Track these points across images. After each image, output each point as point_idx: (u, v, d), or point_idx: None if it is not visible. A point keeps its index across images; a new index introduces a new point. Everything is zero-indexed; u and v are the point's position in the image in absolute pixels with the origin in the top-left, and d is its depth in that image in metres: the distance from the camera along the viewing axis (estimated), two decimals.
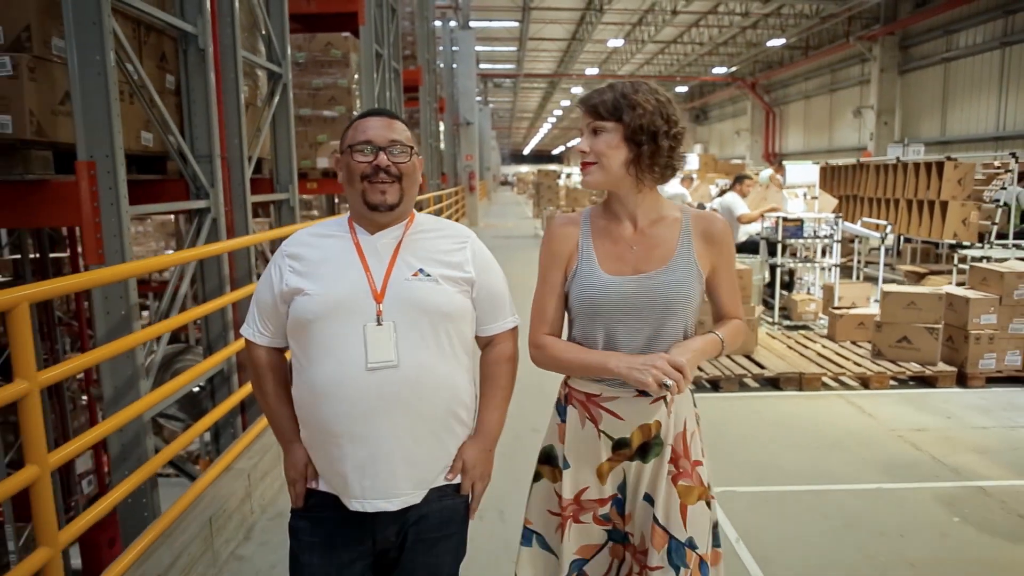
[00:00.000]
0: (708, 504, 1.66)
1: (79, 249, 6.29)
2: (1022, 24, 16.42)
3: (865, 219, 8.67)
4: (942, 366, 5.23)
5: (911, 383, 5.26)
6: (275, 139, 5.06)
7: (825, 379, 5.24)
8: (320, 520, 1.58)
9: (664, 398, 1.62)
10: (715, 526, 1.71)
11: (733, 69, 30.08)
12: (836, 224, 7.08)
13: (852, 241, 8.84)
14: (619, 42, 26.86)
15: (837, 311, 6.14)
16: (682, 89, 38.02)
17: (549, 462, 1.77)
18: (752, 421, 4.54)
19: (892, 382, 5.22)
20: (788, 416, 4.62)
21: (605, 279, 1.62)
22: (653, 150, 1.57)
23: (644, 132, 1.55)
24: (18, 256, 6.16)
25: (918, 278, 8.39)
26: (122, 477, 2.80)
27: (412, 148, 1.57)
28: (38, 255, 6.02)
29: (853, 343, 5.94)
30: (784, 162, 9.10)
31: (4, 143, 2.60)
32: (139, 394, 2.90)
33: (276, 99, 4.94)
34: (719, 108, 38.37)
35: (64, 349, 6.49)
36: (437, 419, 1.56)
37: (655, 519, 1.62)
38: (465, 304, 1.61)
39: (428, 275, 1.55)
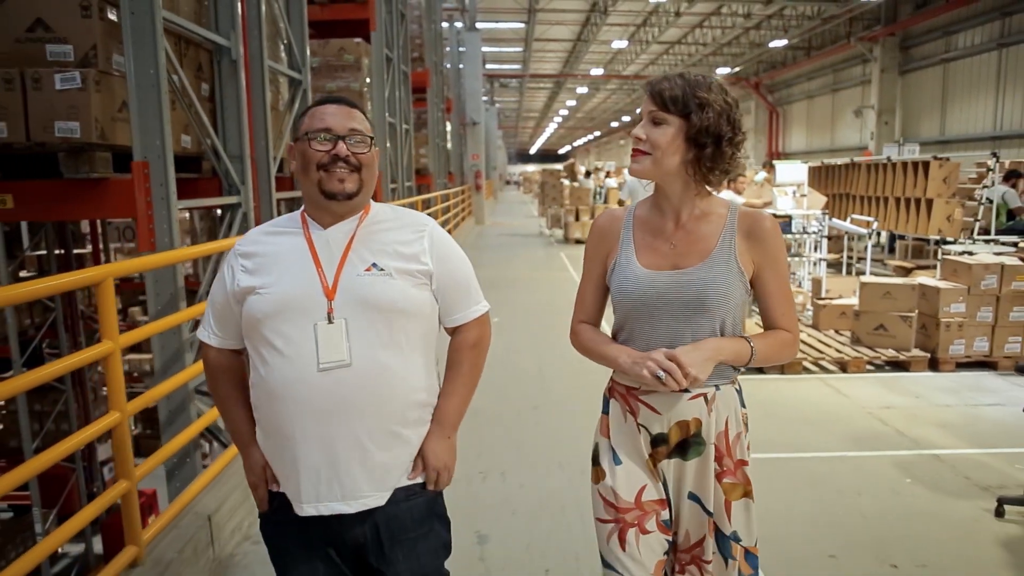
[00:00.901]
0: (751, 500, 1.66)
1: (100, 245, 6.73)
2: (1018, 26, 16.70)
3: (854, 216, 9.04)
4: (915, 352, 5.61)
5: (887, 368, 5.64)
6: None
7: (806, 364, 5.62)
8: (286, 522, 1.54)
9: (705, 396, 1.58)
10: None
11: (737, 69, 30.34)
12: (823, 220, 7.45)
13: (844, 238, 9.21)
14: (623, 43, 27.20)
15: (821, 301, 6.52)
16: None
17: (595, 462, 1.72)
18: None
19: (868, 367, 5.60)
20: (769, 396, 5.00)
21: (641, 272, 1.60)
22: (715, 154, 1.52)
23: (709, 135, 1.50)
24: (43, 252, 6.58)
25: (906, 272, 8.73)
26: (170, 437, 3.21)
27: (372, 139, 1.54)
28: (63, 251, 6.45)
29: (836, 331, 6.31)
30: (774, 162, 9.48)
31: (73, 146, 3.01)
32: (184, 365, 3.31)
33: (297, 103, 5.35)
34: None
35: (83, 342, 6.88)
36: (394, 418, 1.51)
37: (707, 512, 1.61)
38: (422, 297, 1.55)
39: (381, 269, 1.50)
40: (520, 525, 3.23)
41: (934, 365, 5.55)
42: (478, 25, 22.72)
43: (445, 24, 20.71)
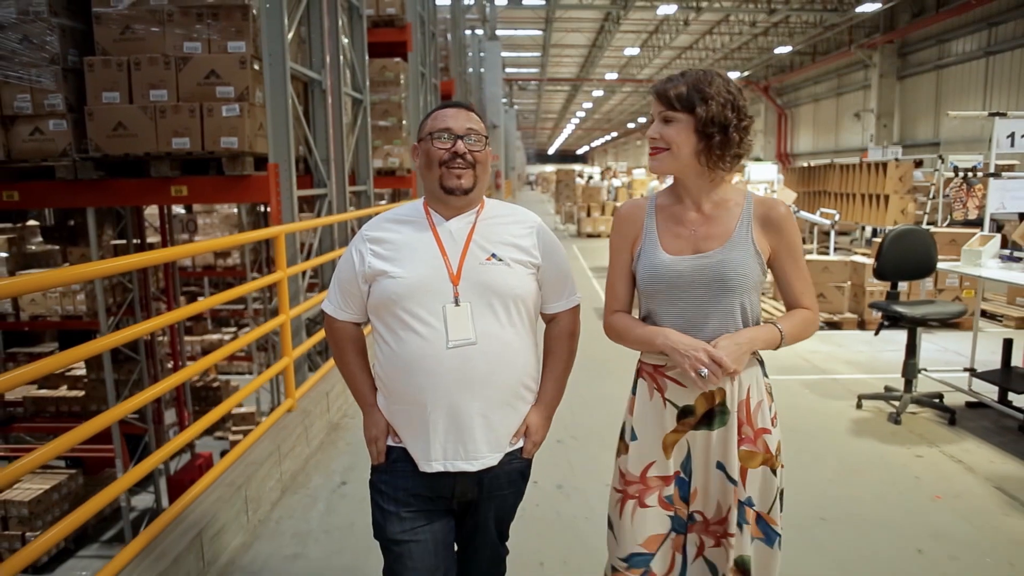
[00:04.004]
0: (774, 471, 1.70)
1: (167, 237, 8.16)
2: (1003, 36, 17.87)
3: (823, 209, 10.41)
4: (847, 315, 7.02)
5: (824, 327, 7.05)
6: (357, 147, 6.98)
7: None
8: (404, 472, 1.72)
9: None
10: (780, 494, 1.72)
11: (747, 73, 31.51)
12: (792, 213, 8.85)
13: (827, 234, 10.58)
14: (635, 51, 28.48)
15: None
16: None
17: (621, 437, 1.83)
18: None
19: None
20: None
21: (665, 258, 1.68)
22: (723, 141, 1.60)
23: (715, 124, 1.59)
24: (123, 241, 8.03)
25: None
26: (295, 346, 4.71)
27: (486, 138, 1.69)
28: (139, 240, 7.88)
29: None
30: (745, 162, 10.91)
31: (232, 154, 4.52)
32: (299, 301, 4.82)
33: (359, 119, 6.86)
34: None
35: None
36: (510, 390, 1.69)
37: (732, 481, 1.68)
38: (532, 286, 1.72)
39: (500, 259, 1.67)
40: None
41: (862, 325, 6.96)
42: (498, 32, 24.04)
43: (467, 31, 22.07)
